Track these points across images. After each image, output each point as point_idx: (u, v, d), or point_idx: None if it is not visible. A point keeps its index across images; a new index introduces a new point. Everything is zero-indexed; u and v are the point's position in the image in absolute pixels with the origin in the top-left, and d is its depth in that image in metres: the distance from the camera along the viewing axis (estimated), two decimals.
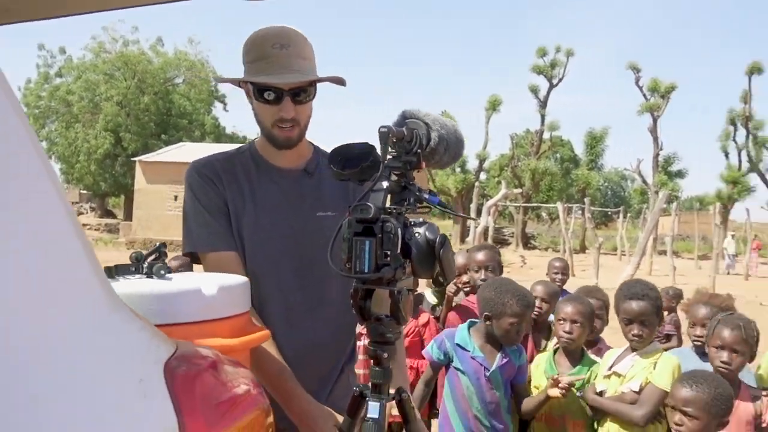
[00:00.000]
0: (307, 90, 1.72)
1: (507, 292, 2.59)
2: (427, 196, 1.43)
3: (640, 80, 32.81)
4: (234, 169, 1.81)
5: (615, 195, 66.88)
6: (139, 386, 0.70)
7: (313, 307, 1.80)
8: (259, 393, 0.95)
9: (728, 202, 31.19)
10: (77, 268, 0.71)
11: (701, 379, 2.20)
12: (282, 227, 1.78)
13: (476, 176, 33.05)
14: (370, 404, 1.35)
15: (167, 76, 37.67)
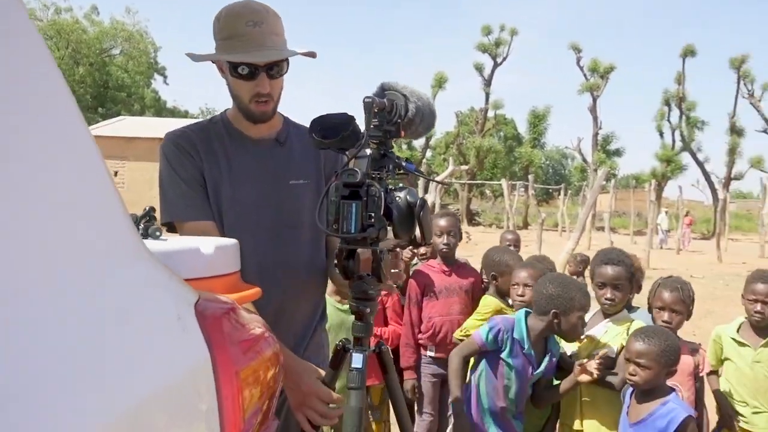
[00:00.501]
0: (281, 65, 1.78)
1: (571, 286, 2.59)
2: (404, 163, 1.54)
3: (581, 60, 33.68)
4: (209, 139, 1.86)
5: (556, 173, 68.69)
6: (178, 322, 0.79)
7: (285, 269, 1.88)
8: (271, 337, 1.05)
9: (662, 179, 32.57)
10: (118, 219, 0.79)
11: (652, 334, 2.42)
12: (257, 195, 1.85)
13: (423, 153, 33.35)
14: (354, 356, 1.46)
15: (103, 47, 36.30)
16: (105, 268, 0.73)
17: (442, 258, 3.37)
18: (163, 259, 1.20)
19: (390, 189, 1.46)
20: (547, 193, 46.78)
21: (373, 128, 1.48)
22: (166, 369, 0.74)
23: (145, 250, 0.84)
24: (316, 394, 1.58)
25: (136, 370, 0.70)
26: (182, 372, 0.76)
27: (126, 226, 0.81)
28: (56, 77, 0.75)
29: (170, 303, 0.81)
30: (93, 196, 0.76)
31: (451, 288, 3.30)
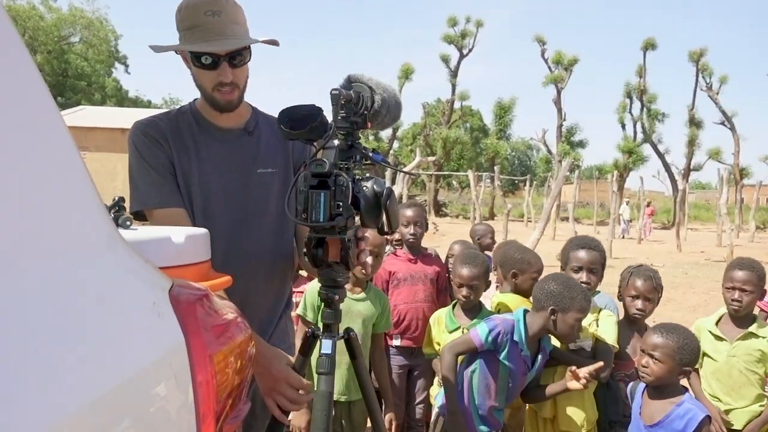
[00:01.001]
0: (243, 54, 1.79)
1: (573, 286, 2.53)
2: (371, 154, 1.58)
3: (545, 53, 34.10)
4: (178, 128, 1.87)
5: (522, 164, 69.55)
6: (153, 308, 0.81)
7: (252, 257, 1.90)
8: (243, 322, 1.08)
9: (624, 170, 33.26)
10: (92, 209, 0.81)
11: (673, 329, 2.39)
12: (225, 183, 1.87)
13: (390, 144, 33.40)
14: (324, 342, 1.50)
15: (62, 34, 35.35)
16: (81, 256, 0.75)
17: (408, 247, 3.43)
18: (135, 248, 1.22)
19: (357, 179, 1.49)
20: (513, 184, 47.34)
21: (340, 119, 1.51)
22: (143, 353, 0.76)
23: (119, 238, 0.86)
24: (285, 380, 1.61)
25: (114, 354, 0.72)
26: (159, 356, 0.79)
27: (101, 215, 0.82)
28: (27, 64, 0.77)
29: (146, 289, 0.84)
30: (67, 186, 0.77)
31: (416, 276, 3.36)
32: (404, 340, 3.29)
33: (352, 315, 2.71)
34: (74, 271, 0.72)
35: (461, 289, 2.93)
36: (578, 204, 33.93)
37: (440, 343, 2.96)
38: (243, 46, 1.77)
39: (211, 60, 1.74)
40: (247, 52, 1.81)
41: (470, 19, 34.11)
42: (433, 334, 3.02)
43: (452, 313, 2.99)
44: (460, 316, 2.97)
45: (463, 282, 2.91)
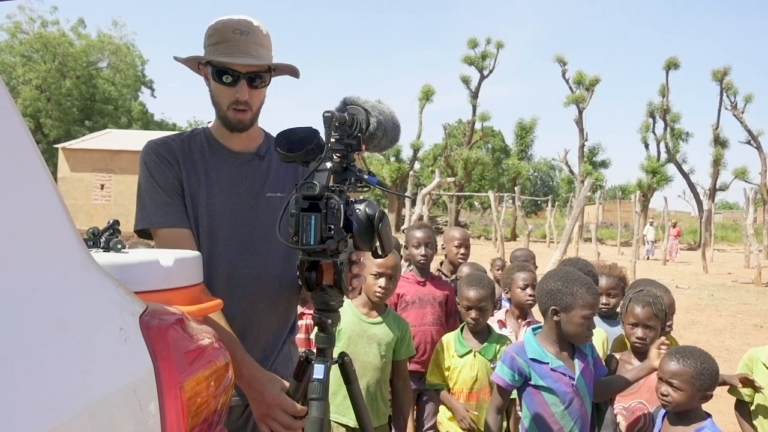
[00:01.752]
0: (263, 76, 1.83)
1: (574, 281, 2.35)
2: (366, 176, 1.57)
3: (566, 73, 34.02)
4: (190, 149, 1.89)
5: (544, 184, 69.12)
6: (120, 333, 0.80)
7: (257, 280, 1.90)
8: (221, 347, 1.06)
9: (648, 191, 32.84)
10: (60, 231, 0.80)
11: (689, 354, 2.28)
12: (233, 206, 1.87)
13: (411, 165, 33.46)
14: (316, 366, 1.48)
15: (90, 60, 36.22)
16: (44, 282, 0.74)
17: (418, 269, 3.40)
18: (121, 271, 1.21)
19: (350, 201, 1.48)
20: (535, 204, 47.01)
21: (334, 142, 1.50)
22: (104, 380, 0.75)
23: (90, 261, 0.86)
24: (280, 406, 1.59)
25: (72, 381, 0.71)
26: (122, 383, 0.77)
27: (69, 237, 0.82)
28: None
29: (113, 314, 0.83)
30: (33, 209, 0.77)
31: (424, 299, 3.33)
32: (412, 364, 3.24)
33: (367, 339, 2.68)
34: (35, 296, 0.72)
35: (469, 311, 2.89)
36: (602, 225, 33.53)
37: (450, 368, 2.91)
38: (264, 67, 1.80)
39: (231, 78, 1.78)
40: (267, 75, 1.84)
41: (490, 41, 34.27)
42: (441, 359, 2.97)
43: (461, 336, 2.95)
44: (470, 339, 2.93)
45: (471, 304, 2.88)
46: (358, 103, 1.56)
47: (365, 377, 2.62)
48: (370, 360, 2.65)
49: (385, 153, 33.06)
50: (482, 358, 2.87)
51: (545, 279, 2.46)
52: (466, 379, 2.86)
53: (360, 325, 2.69)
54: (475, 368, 2.86)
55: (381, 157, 33.46)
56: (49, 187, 0.80)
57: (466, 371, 2.87)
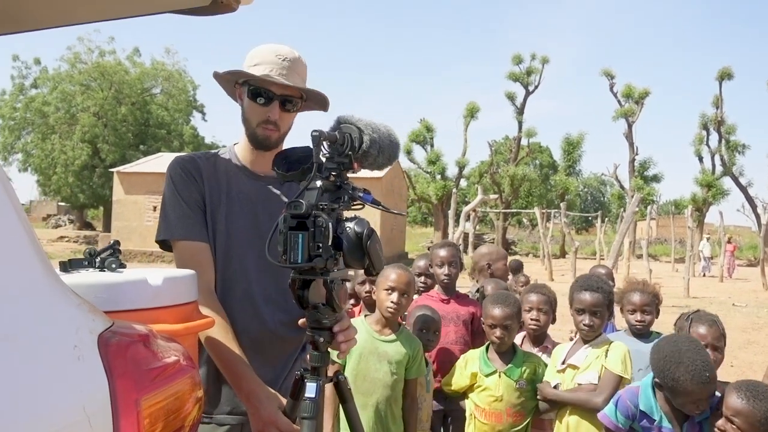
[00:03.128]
0: (294, 101, 1.91)
1: (679, 364, 2.13)
2: (361, 194, 1.57)
3: (614, 86, 33.39)
4: (215, 167, 1.96)
5: (595, 200, 67.71)
6: (73, 351, 0.82)
7: (271, 298, 1.93)
8: (190, 365, 1.07)
9: (703, 205, 31.75)
10: (17, 250, 0.83)
11: (760, 395, 2.04)
12: (250, 223, 1.92)
13: (456, 183, 33.32)
14: (308, 385, 1.48)
15: (144, 86, 37.61)
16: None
17: (442, 288, 3.37)
18: (108, 290, 1.24)
19: (342, 219, 1.48)
20: (586, 220, 46.06)
21: (326, 160, 1.51)
22: (52, 397, 0.77)
23: (50, 281, 0.88)
24: (274, 423, 1.59)
25: (17, 397, 0.73)
26: (71, 400, 0.79)
27: (27, 258, 0.85)
28: None
29: (69, 332, 0.85)
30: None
31: (447, 317, 3.29)
32: (435, 383, 3.20)
33: (378, 356, 2.66)
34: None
35: (494, 330, 2.84)
36: (655, 241, 32.54)
37: (473, 386, 2.86)
38: (297, 93, 1.90)
39: (265, 99, 1.87)
40: (299, 101, 1.93)
41: (535, 56, 33.96)
42: (461, 374, 2.92)
43: (486, 356, 2.90)
44: (495, 360, 2.87)
45: (496, 323, 2.83)
46: (351, 122, 1.57)
47: (375, 395, 2.61)
48: (380, 377, 2.63)
49: (431, 171, 33.03)
50: (507, 378, 2.81)
51: (656, 347, 2.28)
52: (489, 399, 2.81)
53: (372, 342, 2.68)
54: (500, 389, 2.80)
55: (426, 175, 33.34)
56: (8, 207, 0.83)
57: (489, 391, 2.82)
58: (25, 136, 36.25)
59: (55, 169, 34.00)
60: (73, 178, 33.78)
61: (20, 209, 0.86)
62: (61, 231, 34.50)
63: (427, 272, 3.56)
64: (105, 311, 1.16)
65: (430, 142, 33.20)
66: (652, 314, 3.18)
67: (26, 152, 35.91)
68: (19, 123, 35.79)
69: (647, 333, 3.15)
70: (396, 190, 26.07)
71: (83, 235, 30.71)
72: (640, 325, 3.11)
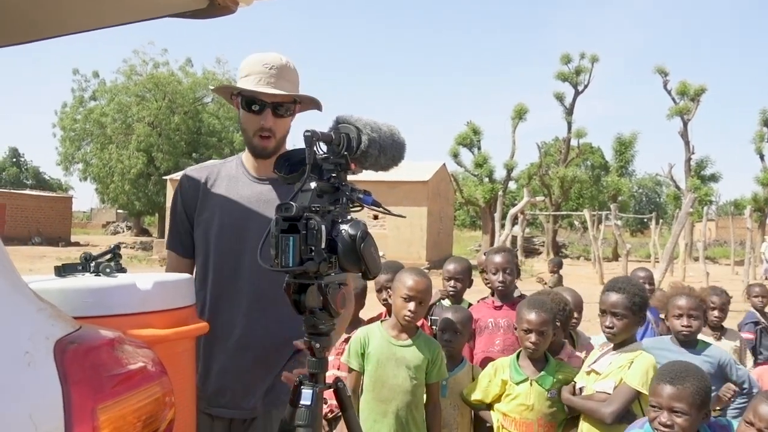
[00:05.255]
0: (287, 106, 1.99)
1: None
2: (361, 195, 1.52)
3: (668, 84, 32.33)
4: (218, 173, 2.11)
5: (650, 201, 65.70)
6: (24, 357, 0.80)
7: (269, 302, 1.95)
8: (159, 371, 1.05)
9: (765, 205, 30.39)
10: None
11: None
12: (245, 225, 1.99)
13: (504, 185, 32.86)
14: (304, 392, 1.44)
15: (196, 96, 38.52)
16: None
17: (499, 295, 3.32)
18: (94, 294, 1.24)
19: (337, 221, 1.44)
20: (641, 222, 44.75)
21: (323, 161, 1.48)
22: (1, 405, 0.75)
23: (9, 285, 0.87)
24: None
25: None
26: (18, 408, 0.77)
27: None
28: None
29: (22, 337, 0.83)
30: None
31: (497, 324, 3.22)
32: None
33: (396, 362, 2.62)
34: None
35: (528, 335, 2.73)
36: (714, 243, 31.25)
37: (502, 395, 2.77)
38: (289, 98, 1.98)
39: (258, 107, 1.96)
40: (292, 106, 2.01)
41: (584, 55, 33.18)
42: (491, 382, 2.82)
43: (517, 363, 2.80)
44: (526, 367, 2.77)
45: (531, 327, 2.72)
46: (350, 122, 1.53)
47: (395, 401, 2.55)
48: (399, 383, 2.58)
49: (478, 173, 32.63)
50: (539, 387, 2.70)
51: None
52: (519, 408, 2.71)
53: (389, 348, 2.63)
54: (531, 398, 2.70)
55: (474, 177, 32.98)
56: None
57: (520, 399, 2.72)
58: (85, 146, 37.63)
59: (113, 177, 35.15)
60: (130, 186, 34.85)
61: None
62: (119, 237, 35.71)
63: (456, 276, 3.49)
64: (91, 316, 1.16)
65: (477, 145, 32.85)
66: (700, 320, 3.04)
67: (86, 162, 37.27)
68: (79, 134, 37.18)
69: (694, 342, 3.01)
70: (443, 193, 25.89)
71: (140, 241, 31.68)
72: (686, 331, 2.97)
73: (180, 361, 1.36)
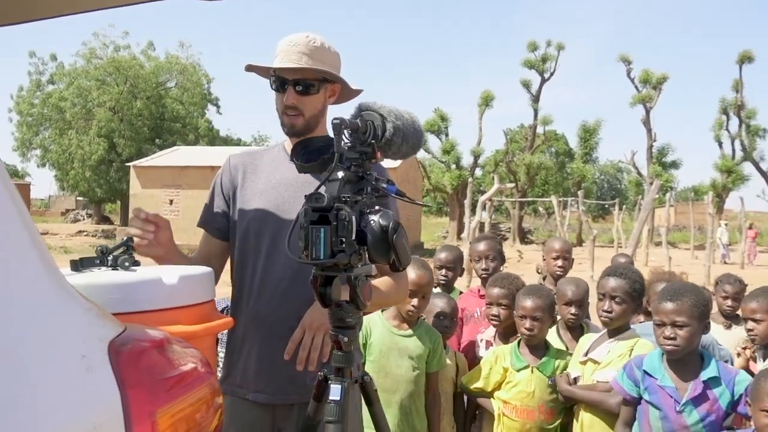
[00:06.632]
0: (307, 82, 1.91)
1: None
2: (385, 185, 1.48)
3: (631, 72, 32.89)
4: (260, 160, 2.07)
5: (612, 187, 67.00)
6: (81, 361, 0.75)
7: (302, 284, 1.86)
8: (208, 372, 1.00)
9: (723, 191, 31.29)
10: (20, 254, 0.76)
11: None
12: (289, 210, 1.92)
13: (471, 172, 33.09)
14: (332, 387, 1.40)
15: (159, 81, 37.65)
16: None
17: (483, 283, 3.31)
18: (122, 290, 1.18)
19: (365, 212, 1.40)
20: (603, 208, 45.65)
21: (347, 150, 1.43)
22: (59, 414, 0.70)
23: (54, 283, 0.81)
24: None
25: (22, 417, 0.66)
26: (80, 416, 0.72)
27: (30, 260, 0.78)
28: None
29: (76, 340, 0.78)
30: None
31: (484, 313, 3.21)
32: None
33: (399, 352, 2.60)
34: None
35: (523, 321, 2.74)
36: (674, 228, 32.09)
37: (502, 383, 2.77)
38: (312, 73, 1.89)
39: (279, 84, 1.91)
40: (316, 83, 1.92)
41: (551, 43, 33.48)
42: (492, 369, 2.82)
43: (518, 350, 2.80)
44: (527, 354, 2.77)
45: (526, 313, 2.73)
46: (374, 109, 1.48)
47: (399, 392, 2.54)
48: (403, 373, 2.57)
49: (446, 160, 32.78)
50: (540, 374, 2.71)
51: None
52: (520, 396, 2.71)
53: (391, 338, 2.61)
54: (531, 384, 2.70)
55: (441, 164, 33.12)
56: (9, 206, 0.76)
57: (521, 387, 2.72)
58: (43, 131, 36.47)
59: (73, 164, 34.18)
60: (90, 172, 33.96)
61: (22, 208, 0.79)
62: (79, 225, 34.78)
63: (447, 265, 3.49)
64: (118, 313, 1.10)
65: (445, 132, 32.98)
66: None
67: (44, 148, 36.14)
68: (37, 119, 36.01)
69: None
70: (411, 180, 25.91)
71: (101, 229, 30.91)
72: None
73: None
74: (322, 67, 1.90)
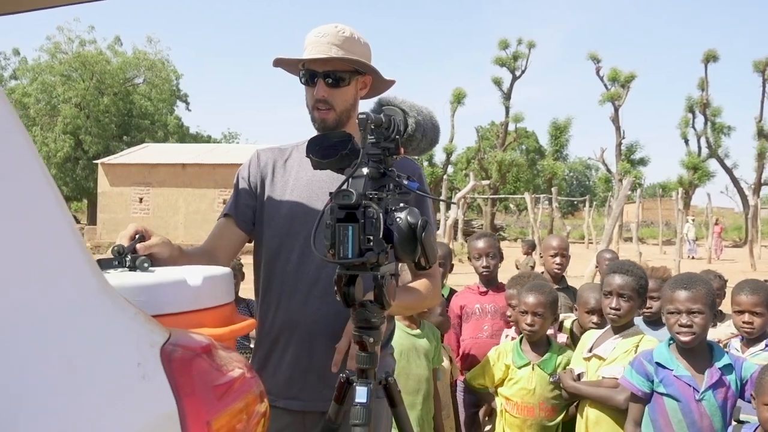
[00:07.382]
0: (338, 74, 1.81)
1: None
2: (406, 182, 1.45)
3: (600, 70, 33.34)
4: (289, 157, 1.97)
5: (580, 184, 67.94)
6: (137, 369, 0.70)
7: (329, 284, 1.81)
8: (253, 378, 0.96)
9: (689, 187, 31.95)
10: (70, 258, 0.71)
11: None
12: (309, 204, 1.85)
13: (444, 170, 33.21)
14: (358, 389, 1.37)
15: (127, 77, 36.94)
16: (47, 313, 0.65)
17: (482, 280, 3.31)
18: (146, 292, 1.12)
19: (390, 209, 1.37)
20: (572, 205, 46.26)
21: (370, 146, 1.40)
22: (118, 425, 0.65)
23: (102, 288, 0.76)
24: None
25: (82, 427, 0.61)
26: (139, 427, 0.68)
27: (79, 262, 0.73)
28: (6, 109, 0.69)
29: (130, 347, 0.73)
30: (39, 234, 0.68)
31: (484, 309, 3.22)
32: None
33: (417, 352, 2.62)
34: (38, 333, 0.62)
35: (525, 316, 2.73)
36: (642, 224, 32.64)
37: (505, 380, 2.76)
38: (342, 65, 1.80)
39: (309, 77, 1.82)
40: (347, 74, 1.82)
41: (522, 41, 33.75)
42: (494, 366, 2.81)
43: (520, 347, 2.80)
44: (528, 351, 2.77)
45: (528, 309, 2.72)
46: (395, 104, 1.46)
47: (421, 391, 2.55)
48: (422, 372, 2.59)
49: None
50: (541, 371, 2.71)
51: None
52: (521, 393, 2.71)
53: (408, 339, 2.60)
54: (532, 381, 2.70)
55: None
56: (57, 208, 0.71)
57: (522, 384, 2.72)
58: None
59: None
60: (56, 170, 33.14)
61: (68, 215, 0.74)
62: None
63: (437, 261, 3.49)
64: None
65: None
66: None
67: None
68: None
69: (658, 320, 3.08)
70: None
71: None
72: (649, 312, 3.03)
73: None
74: (353, 57, 1.82)
